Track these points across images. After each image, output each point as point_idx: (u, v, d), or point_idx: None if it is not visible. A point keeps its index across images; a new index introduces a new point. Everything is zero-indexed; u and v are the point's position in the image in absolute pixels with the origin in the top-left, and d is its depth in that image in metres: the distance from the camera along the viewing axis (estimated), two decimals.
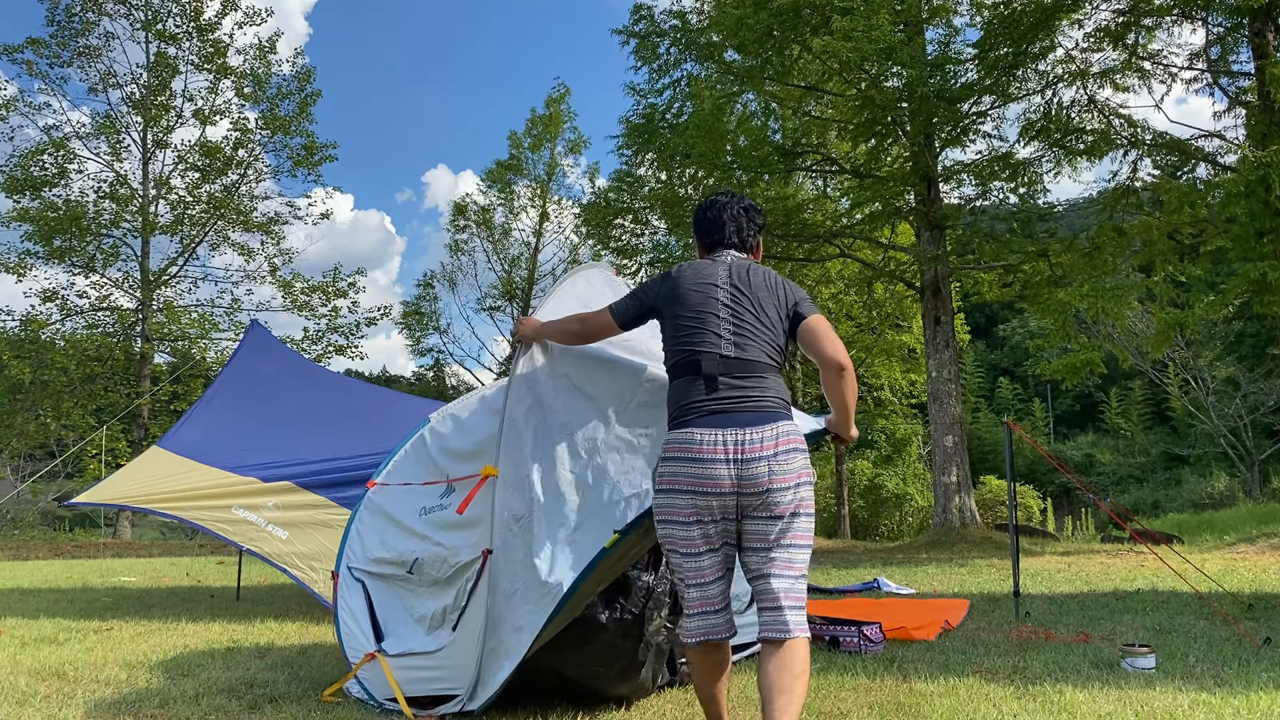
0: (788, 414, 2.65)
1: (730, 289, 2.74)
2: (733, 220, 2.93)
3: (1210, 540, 12.30)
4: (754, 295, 2.73)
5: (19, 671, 4.28)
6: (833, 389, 2.75)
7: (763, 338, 2.68)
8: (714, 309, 2.71)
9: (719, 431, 2.55)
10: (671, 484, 2.58)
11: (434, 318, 30.52)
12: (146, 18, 20.98)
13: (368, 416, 7.50)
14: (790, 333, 2.75)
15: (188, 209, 21.50)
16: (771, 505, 2.53)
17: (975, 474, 18.99)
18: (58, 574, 10.69)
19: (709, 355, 2.65)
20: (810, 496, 2.61)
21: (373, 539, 3.66)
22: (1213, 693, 3.48)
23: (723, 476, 2.52)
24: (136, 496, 6.38)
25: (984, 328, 48.44)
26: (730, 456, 2.52)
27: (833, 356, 2.68)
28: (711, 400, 2.60)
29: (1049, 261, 12.99)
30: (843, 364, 2.70)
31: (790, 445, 2.57)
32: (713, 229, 2.94)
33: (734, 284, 2.75)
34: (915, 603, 6.30)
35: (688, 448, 2.56)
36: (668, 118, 15.61)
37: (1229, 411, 32.02)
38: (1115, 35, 11.92)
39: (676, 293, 2.78)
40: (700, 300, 2.74)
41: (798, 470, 2.57)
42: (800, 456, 2.60)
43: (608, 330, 3.02)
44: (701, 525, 2.56)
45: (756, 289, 2.74)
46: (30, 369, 19.72)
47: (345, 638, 3.62)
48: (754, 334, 2.68)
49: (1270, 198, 9.48)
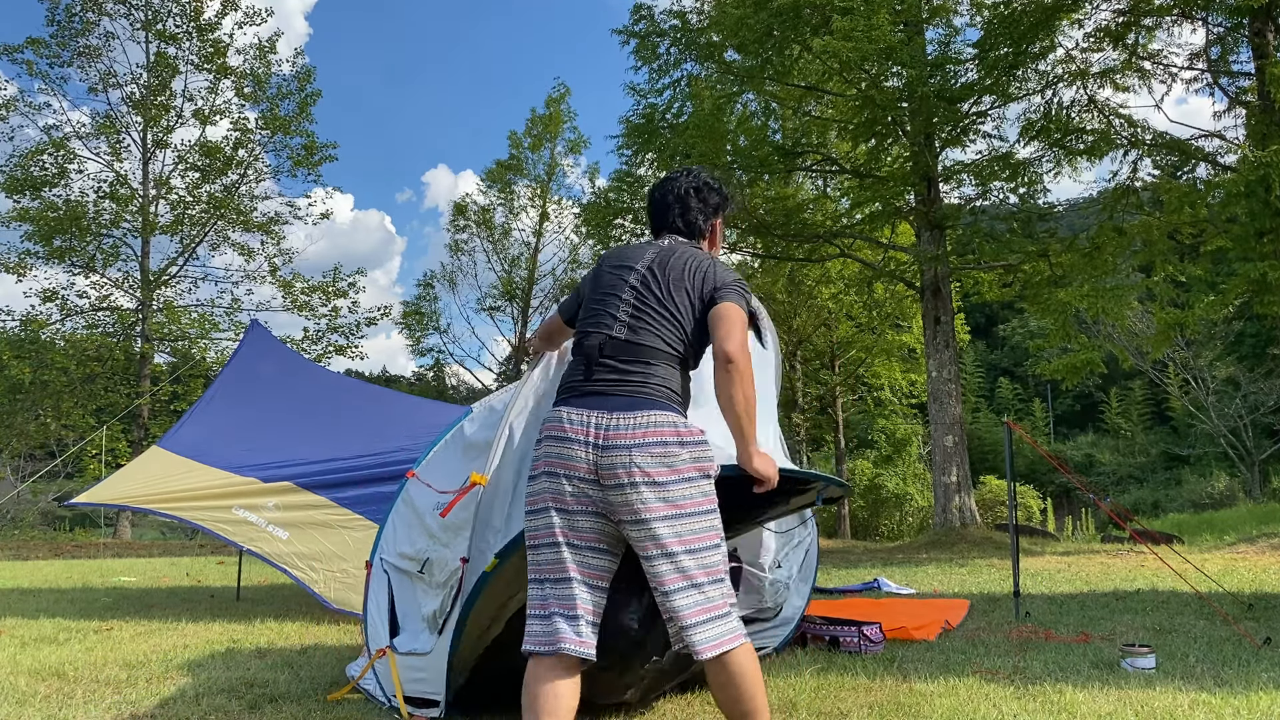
0: (669, 406, 2.36)
1: (645, 272, 2.51)
2: (678, 201, 2.67)
3: (1210, 540, 12.30)
4: (667, 281, 2.47)
5: (19, 671, 4.28)
6: (718, 391, 2.35)
7: (664, 325, 2.43)
8: (619, 290, 2.50)
9: (586, 413, 2.33)
10: (535, 469, 2.38)
11: (434, 318, 30.52)
12: (146, 18, 20.99)
13: (368, 416, 7.50)
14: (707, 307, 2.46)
15: (188, 209, 21.50)
16: (639, 504, 2.24)
17: (975, 474, 18.99)
18: (58, 574, 10.69)
19: (596, 335, 2.45)
20: (696, 493, 2.29)
21: (402, 532, 3.63)
22: (1213, 693, 3.48)
23: (579, 459, 2.29)
24: (136, 496, 6.38)
25: (984, 328, 48.47)
26: (590, 440, 2.29)
27: (719, 346, 2.35)
28: (588, 382, 2.40)
29: (1049, 261, 12.99)
30: (729, 355, 2.31)
31: (661, 438, 2.28)
32: (658, 212, 2.70)
33: (651, 268, 2.52)
34: (915, 603, 6.30)
35: (555, 427, 2.36)
36: (668, 118, 15.62)
37: (1229, 411, 32.02)
38: (1115, 35, 11.92)
39: (595, 276, 2.61)
40: (610, 282, 2.54)
41: (670, 465, 2.27)
42: (674, 449, 2.28)
43: (560, 330, 2.83)
44: (560, 514, 2.30)
45: (673, 275, 2.48)
46: (30, 369, 19.72)
47: (369, 630, 3.62)
48: (654, 319, 2.44)
49: (1270, 198, 9.48)
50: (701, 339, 2.48)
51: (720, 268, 2.53)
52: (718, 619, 2.25)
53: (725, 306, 2.41)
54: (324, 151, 22.81)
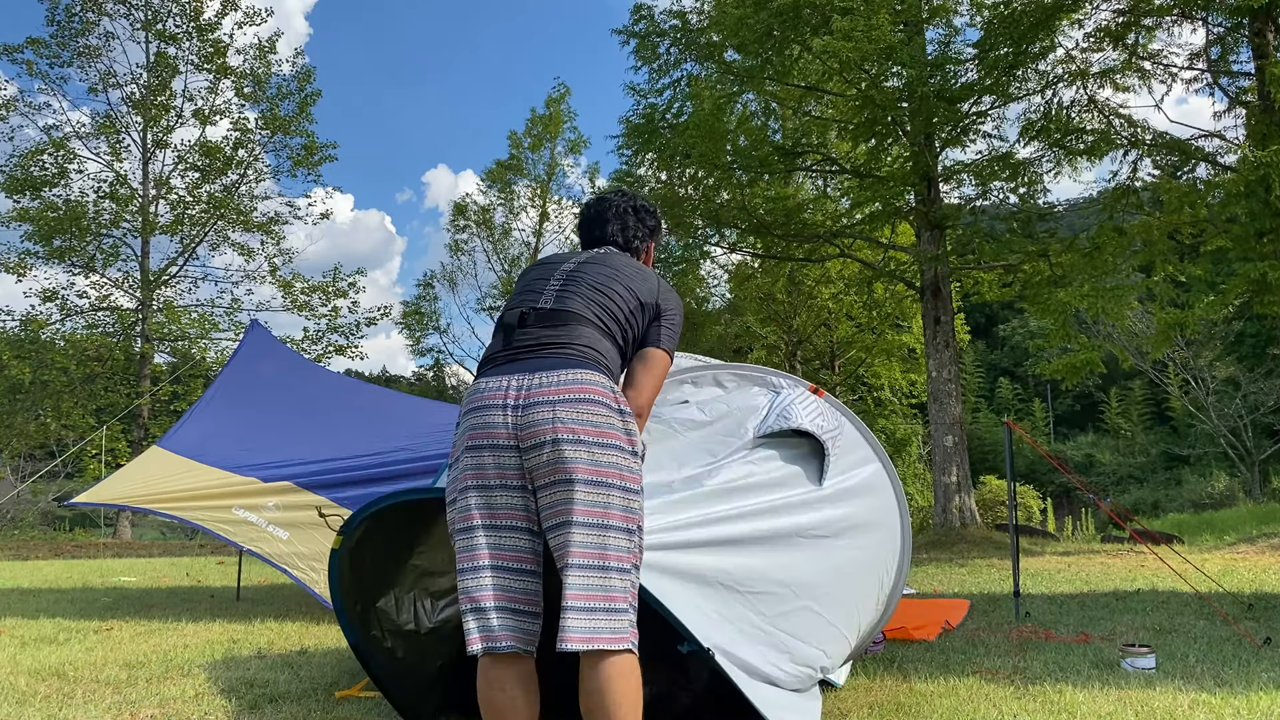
0: (599, 367, 2.18)
1: (578, 263, 2.42)
2: (617, 218, 2.62)
3: (1210, 540, 12.30)
4: (603, 270, 2.38)
5: (19, 671, 4.28)
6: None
7: (594, 298, 2.30)
8: (548, 275, 2.41)
9: (505, 378, 2.15)
10: (455, 450, 2.21)
11: (434, 318, 30.55)
12: (146, 18, 20.99)
13: (368, 416, 7.50)
14: (644, 322, 2.35)
15: (188, 209, 21.50)
16: (559, 464, 2.04)
17: (975, 474, 18.98)
18: (58, 574, 10.69)
19: (516, 311, 2.31)
20: (624, 466, 2.10)
21: None
22: (1213, 693, 3.48)
23: (498, 424, 2.10)
24: (136, 496, 6.38)
25: (984, 328, 48.46)
26: (509, 402, 2.11)
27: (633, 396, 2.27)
28: (506, 350, 2.24)
29: (1049, 261, 12.98)
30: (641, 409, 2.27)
31: (588, 395, 2.09)
32: (594, 225, 2.63)
33: (586, 260, 2.43)
34: (915, 603, 6.30)
35: (473, 399, 2.19)
36: (668, 118, 15.61)
37: (1229, 411, 32.02)
38: (1115, 35, 11.91)
39: (523, 280, 2.50)
40: (538, 274, 2.45)
41: (598, 426, 2.08)
42: (604, 411, 2.10)
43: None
44: (479, 492, 2.11)
45: (610, 267, 2.40)
46: (30, 369, 19.71)
47: None
48: (584, 292, 2.30)
49: (1270, 198, 9.47)
50: (633, 336, 2.34)
51: (664, 285, 2.44)
52: (605, 612, 2.01)
53: (655, 352, 2.34)
54: (324, 151, 22.82)
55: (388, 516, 2.95)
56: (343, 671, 4.22)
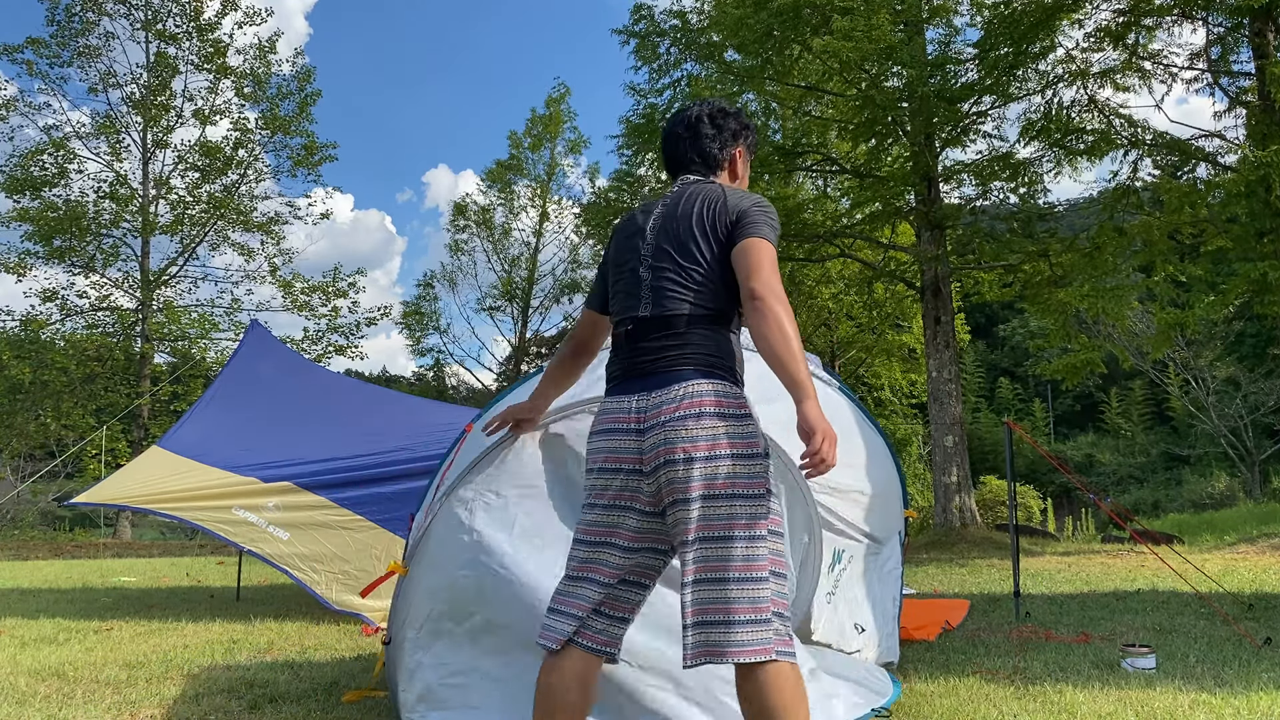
0: (708, 374, 2.12)
1: (654, 236, 2.26)
2: (689, 130, 2.37)
3: (1210, 540, 12.30)
4: (678, 236, 2.22)
5: (19, 671, 4.28)
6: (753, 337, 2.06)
7: (686, 288, 2.18)
8: (635, 264, 2.28)
9: (627, 398, 2.16)
10: (588, 464, 2.24)
11: (434, 318, 30.53)
12: (146, 18, 20.99)
13: (367, 417, 7.50)
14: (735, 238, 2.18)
15: (188, 209, 21.50)
16: (674, 485, 2.04)
17: (975, 474, 18.98)
18: (58, 574, 10.69)
19: (624, 322, 2.26)
20: (740, 473, 2.04)
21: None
22: (1213, 693, 3.48)
23: (626, 450, 2.13)
24: (136, 496, 6.38)
25: (984, 328, 48.40)
26: (632, 426, 2.13)
27: (743, 284, 2.10)
28: (622, 366, 2.23)
29: (1049, 261, 12.99)
30: (753, 291, 2.05)
31: (696, 409, 2.06)
32: (669, 145, 2.41)
33: (660, 228, 2.26)
34: (915, 603, 6.30)
35: (602, 419, 2.21)
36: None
37: (1229, 411, 32.01)
38: (1115, 35, 11.91)
39: (612, 253, 2.39)
40: (623, 259, 2.32)
41: (710, 439, 2.04)
42: (713, 422, 2.05)
43: (594, 325, 2.51)
44: (609, 510, 2.16)
45: (683, 227, 2.22)
46: (30, 369, 19.71)
47: None
48: (674, 285, 2.19)
49: (1270, 198, 9.48)
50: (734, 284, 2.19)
51: (733, 195, 2.22)
52: (721, 625, 1.97)
53: (745, 244, 2.13)
54: (324, 151, 22.82)
55: None
56: (343, 672, 4.22)
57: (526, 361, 31.16)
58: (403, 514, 5.99)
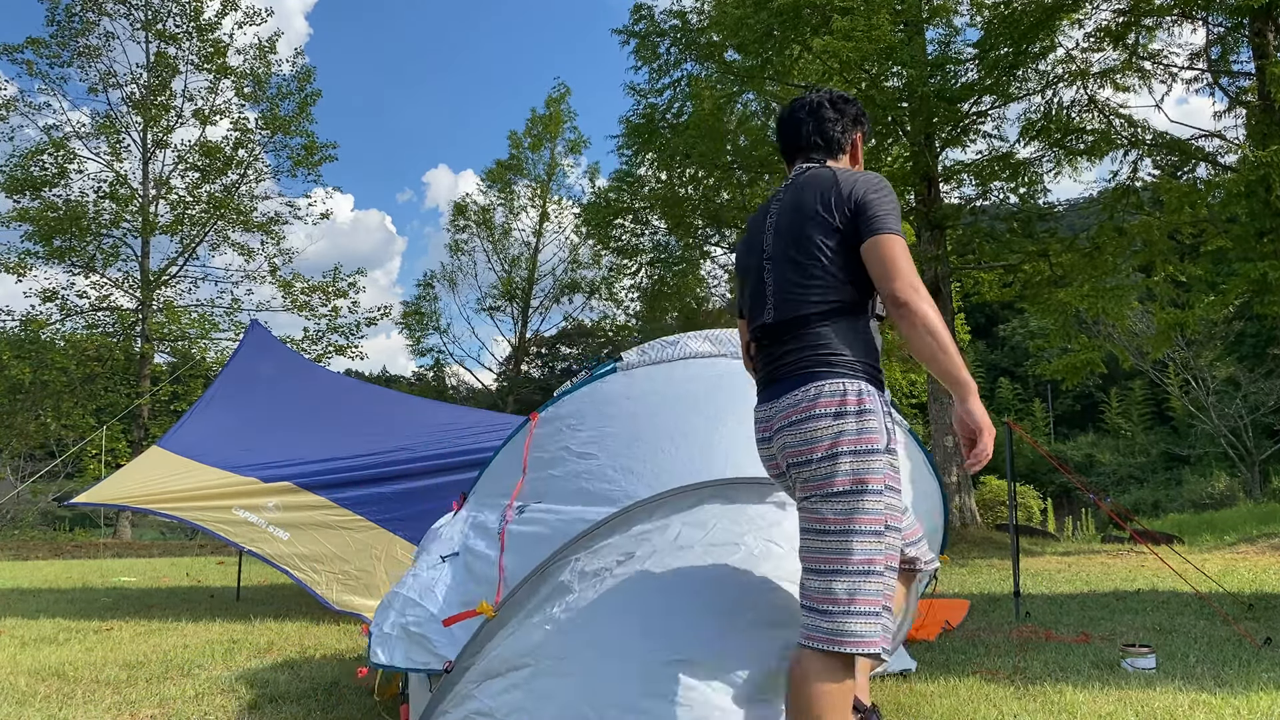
0: (825, 374, 2.11)
1: (773, 230, 2.28)
2: (811, 115, 2.36)
3: (1210, 540, 12.30)
4: (795, 233, 2.20)
5: (19, 671, 4.28)
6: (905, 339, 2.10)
7: (807, 287, 2.17)
8: (756, 263, 2.32)
9: (759, 408, 2.28)
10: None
11: (434, 318, 30.54)
12: (146, 17, 20.98)
13: (368, 417, 7.50)
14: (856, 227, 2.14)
15: (188, 209, 21.49)
16: (801, 484, 2.13)
17: (975, 474, 18.97)
18: (58, 574, 10.69)
19: (755, 329, 2.30)
20: (855, 469, 2.05)
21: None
22: (1213, 693, 3.48)
23: (769, 457, 2.27)
24: (136, 496, 6.38)
25: (984, 328, 48.37)
26: (764, 435, 2.25)
27: (881, 290, 2.10)
28: (759, 379, 2.31)
29: (1049, 261, 12.99)
30: (894, 297, 2.05)
31: (814, 411, 2.08)
32: (787, 132, 2.40)
33: (775, 230, 2.28)
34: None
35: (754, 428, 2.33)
36: (668, 118, 15.62)
37: (1229, 411, 32.00)
38: (1115, 35, 11.91)
39: (741, 253, 2.43)
40: (747, 264, 2.37)
41: (826, 439, 2.06)
42: (829, 422, 2.06)
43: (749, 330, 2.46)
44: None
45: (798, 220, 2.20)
46: (30, 369, 19.70)
47: None
48: (794, 283, 2.18)
49: (1270, 198, 9.47)
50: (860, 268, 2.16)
51: (845, 179, 2.18)
52: (821, 613, 2.03)
53: (872, 242, 2.09)
54: (324, 151, 22.81)
55: None
56: (343, 672, 4.22)
57: (526, 361, 31.16)
58: (403, 514, 5.99)
